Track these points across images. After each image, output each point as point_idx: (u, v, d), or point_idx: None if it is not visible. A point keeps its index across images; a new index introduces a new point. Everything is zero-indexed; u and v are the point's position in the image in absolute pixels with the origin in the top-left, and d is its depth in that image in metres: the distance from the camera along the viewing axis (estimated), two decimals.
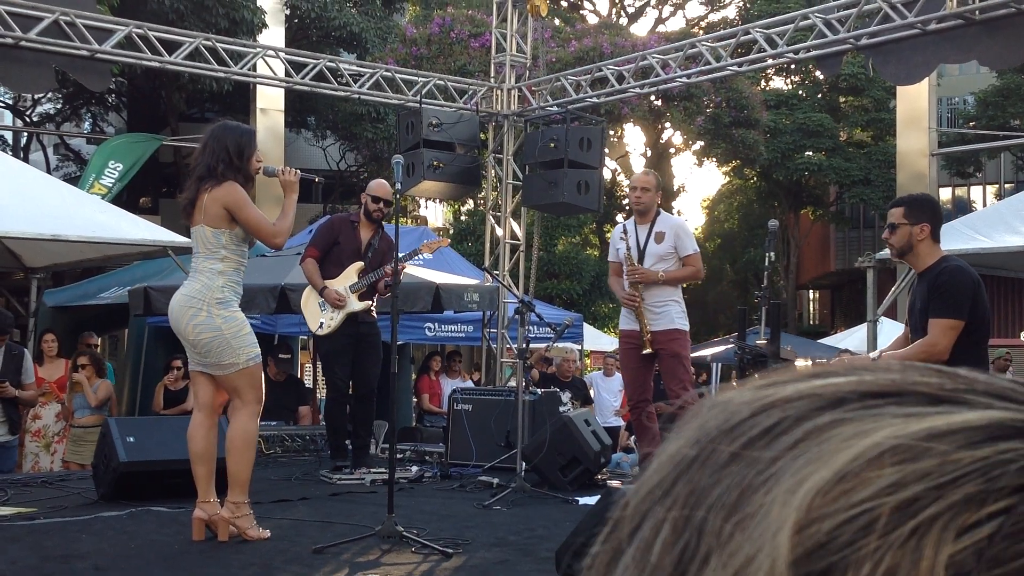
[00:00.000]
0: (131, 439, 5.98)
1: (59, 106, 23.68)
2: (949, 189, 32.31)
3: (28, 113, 23.84)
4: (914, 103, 16.33)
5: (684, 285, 7.15)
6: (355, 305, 7.21)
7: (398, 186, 5.61)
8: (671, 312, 6.67)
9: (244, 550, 4.73)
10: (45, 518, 5.49)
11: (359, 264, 7.27)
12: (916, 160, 16.77)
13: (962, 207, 31.05)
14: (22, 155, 22.96)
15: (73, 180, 19.50)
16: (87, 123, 25.46)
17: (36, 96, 21.50)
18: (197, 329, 4.81)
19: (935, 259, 4.87)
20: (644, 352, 6.65)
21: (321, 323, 7.21)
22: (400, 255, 6.92)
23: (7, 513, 5.62)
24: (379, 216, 7.46)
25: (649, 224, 6.77)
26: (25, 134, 24.11)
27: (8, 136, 24.31)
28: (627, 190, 31.11)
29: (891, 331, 11.03)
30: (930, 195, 5.89)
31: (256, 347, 4.93)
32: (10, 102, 23.43)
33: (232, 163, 4.86)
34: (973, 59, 8.88)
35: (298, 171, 5.19)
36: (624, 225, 6.97)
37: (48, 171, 22.34)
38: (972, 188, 34.83)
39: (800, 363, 4.87)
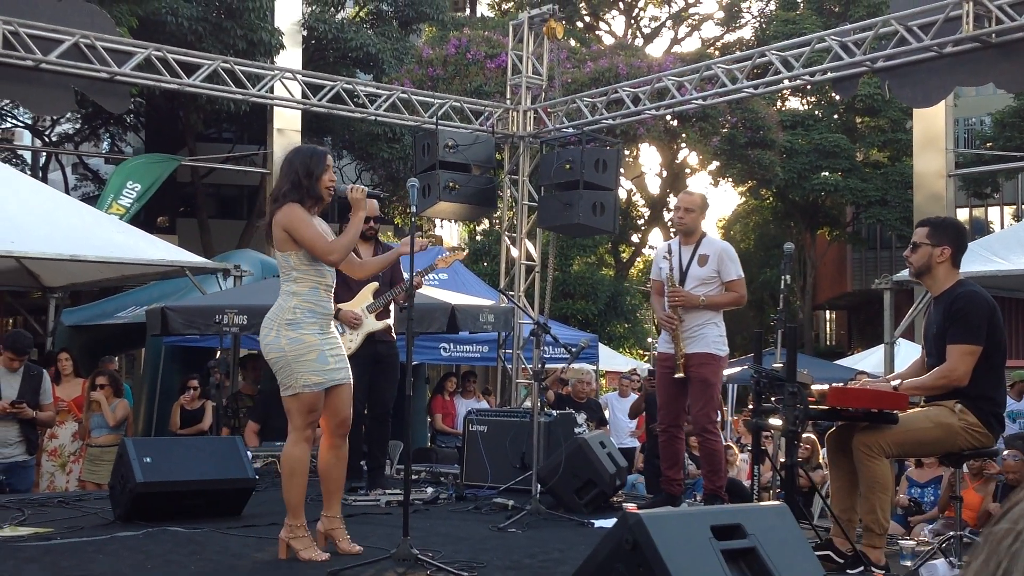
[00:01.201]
0: (148, 459, 5.99)
1: (78, 126, 23.86)
2: (966, 210, 32.20)
3: (47, 133, 24.04)
4: (931, 124, 16.30)
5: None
6: (374, 325, 7.20)
7: (413, 208, 5.60)
8: (708, 336, 6.54)
9: (260, 571, 4.74)
10: (61, 538, 5.49)
11: (374, 284, 7.26)
12: (933, 181, 16.73)
13: (979, 228, 30.97)
14: (41, 175, 23.15)
15: (91, 200, 19.65)
16: (105, 143, 25.65)
17: (55, 116, 21.69)
18: (267, 348, 4.86)
19: (951, 283, 4.86)
20: (676, 376, 6.53)
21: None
22: (416, 270, 6.89)
23: (24, 533, 5.62)
24: (372, 234, 7.39)
25: (693, 246, 6.65)
26: (44, 154, 24.29)
27: (27, 156, 24.50)
28: (642, 210, 31.20)
29: (909, 352, 10.99)
30: (958, 222, 5.88)
31: (317, 376, 4.88)
32: (29, 122, 23.63)
33: (300, 183, 4.89)
34: (989, 82, 8.86)
35: (364, 188, 5.19)
36: (669, 244, 6.83)
37: (66, 191, 22.52)
38: (989, 209, 34.74)
39: (816, 387, 4.86)
